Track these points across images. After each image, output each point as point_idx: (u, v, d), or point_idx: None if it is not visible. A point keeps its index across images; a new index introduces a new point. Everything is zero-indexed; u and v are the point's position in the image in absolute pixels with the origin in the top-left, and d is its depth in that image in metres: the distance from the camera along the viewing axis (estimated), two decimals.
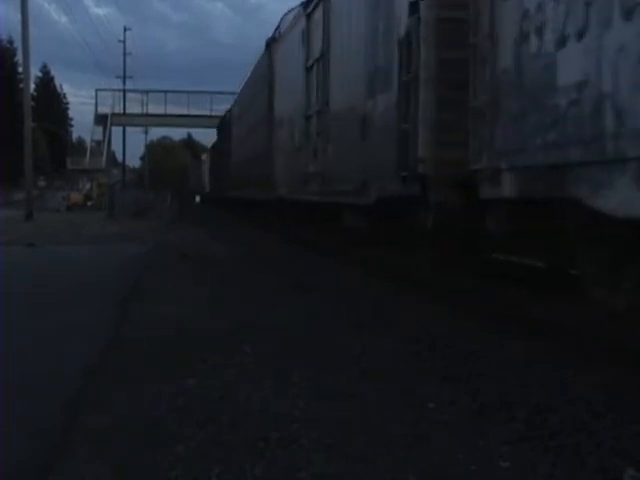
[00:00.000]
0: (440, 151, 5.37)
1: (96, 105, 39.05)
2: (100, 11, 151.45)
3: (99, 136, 39.82)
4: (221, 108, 37.28)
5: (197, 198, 47.42)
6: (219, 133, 31.81)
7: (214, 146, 34.32)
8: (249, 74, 19.10)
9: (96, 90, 39.35)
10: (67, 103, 74.94)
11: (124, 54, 51.40)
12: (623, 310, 3.50)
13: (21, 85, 35.07)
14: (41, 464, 2.31)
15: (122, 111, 39.95)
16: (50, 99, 67.03)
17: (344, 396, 2.96)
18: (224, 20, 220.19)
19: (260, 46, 15.83)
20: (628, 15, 3.02)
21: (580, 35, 3.42)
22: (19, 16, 22.02)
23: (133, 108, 40.03)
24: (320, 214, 10.44)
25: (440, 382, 3.17)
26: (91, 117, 40.71)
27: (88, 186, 40.64)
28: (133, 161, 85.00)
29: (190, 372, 3.32)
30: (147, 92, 40.29)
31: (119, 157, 59.38)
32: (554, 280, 5.10)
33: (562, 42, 3.59)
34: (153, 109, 39.64)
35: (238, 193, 20.69)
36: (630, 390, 2.99)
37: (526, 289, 5.14)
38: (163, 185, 50.93)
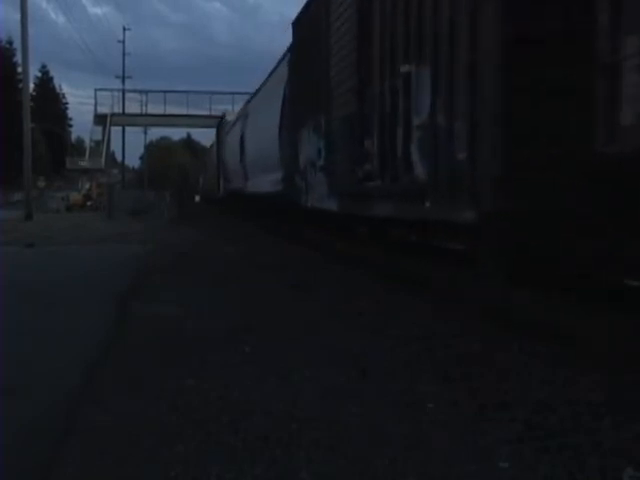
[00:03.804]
0: None
1: (95, 105, 39.02)
2: (99, 10, 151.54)
3: (98, 136, 39.79)
4: (220, 108, 37.30)
5: (197, 198, 45.89)
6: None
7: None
8: None
9: (95, 90, 39.28)
10: (66, 103, 75.29)
11: (123, 54, 51.60)
12: None
13: (20, 85, 35.06)
14: (41, 463, 2.31)
15: (121, 111, 39.92)
16: (49, 99, 67.19)
17: (344, 396, 2.96)
18: (222, 20, 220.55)
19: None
20: None
21: None
22: (18, 16, 22.08)
23: (132, 108, 40.00)
24: None
25: (440, 382, 3.17)
26: (90, 117, 40.72)
27: (87, 186, 40.66)
28: (132, 161, 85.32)
29: (190, 372, 3.32)
30: (146, 92, 40.27)
31: (118, 157, 59.56)
32: (554, 280, 5.09)
33: None
34: (152, 109, 39.57)
35: None
36: (630, 390, 2.99)
37: (526, 289, 5.13)
38: (163, 185, 50.93)
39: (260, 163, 14.87)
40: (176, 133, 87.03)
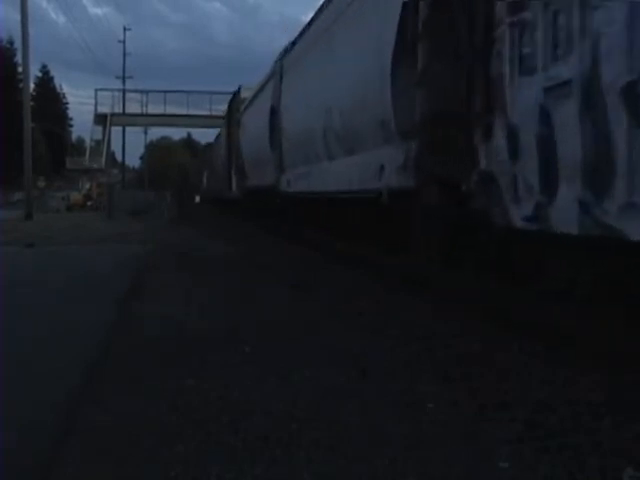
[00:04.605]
0: None
1: (96, 105, 38.99)
2: (99, 10, 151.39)
3: (99, 136, 39.76)
4: (220, 108, 37.28)
5: (197, 198, 45.75)
6: None
7: None
8: None
9: (96, 90, 39.28)
10: (66, 103, 75.24)
11: (124, 54, 51.55)
12: None
13: (21, 85, 35.08)
14: (41, 463, 2.31)
15: (122, 111, 39.92)
16: (49, 99, 67.16)
17: (344, 396, 2.96)
18: (222, 20, 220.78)
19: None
20: None
21: None
22: (18, 16, 22.09)
23: (132, 108, 39.96)
24: None
25: (440, 382, 3.17)
26: (91, 117, 40.64)
27: (88, 186, 40.68)
28: (133, 161, 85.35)
29: (190, 372, 3.32)
30: (147, 92, 40.26)
31: (119, 157, 59.54)
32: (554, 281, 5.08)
33: None
34: (152, 109, 39.54)
35: None
36: (630, 390, 2.99)
37: (526, 289, 5.13)
38: (163, 185, 50.93)
39: (321, 139, 8.89)
40: (176, 133, 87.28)
